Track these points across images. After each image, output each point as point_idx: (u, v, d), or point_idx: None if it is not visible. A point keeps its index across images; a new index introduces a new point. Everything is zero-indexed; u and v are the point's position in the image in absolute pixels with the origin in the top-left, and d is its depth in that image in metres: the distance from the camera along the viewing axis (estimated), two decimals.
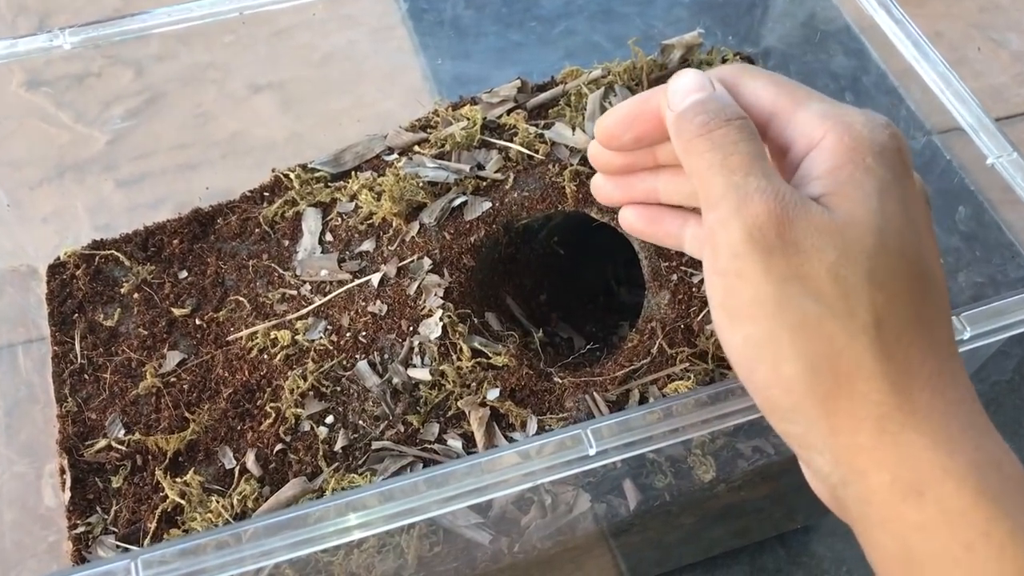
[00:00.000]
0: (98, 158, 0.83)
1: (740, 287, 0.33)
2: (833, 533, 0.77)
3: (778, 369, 0.33)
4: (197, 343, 0.63)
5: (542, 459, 0.43)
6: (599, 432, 0.43)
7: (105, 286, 0.67)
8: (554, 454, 0.43)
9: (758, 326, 0.33)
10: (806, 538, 0.77)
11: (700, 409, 0.45)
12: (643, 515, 0.57)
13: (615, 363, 0.59)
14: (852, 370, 0.32)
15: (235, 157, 0.83)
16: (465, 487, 0.42)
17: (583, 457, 0.43)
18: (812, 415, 0.33)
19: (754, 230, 0.32)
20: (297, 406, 0.59)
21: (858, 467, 0.33)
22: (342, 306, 0.62)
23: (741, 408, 0.45)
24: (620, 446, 0.43)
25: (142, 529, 0.56)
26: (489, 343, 0.60)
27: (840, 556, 0.77)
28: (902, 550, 0.32)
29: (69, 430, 0.60)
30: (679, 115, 0.36)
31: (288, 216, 0.67)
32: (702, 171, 0.34)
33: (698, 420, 0.44)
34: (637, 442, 0.44)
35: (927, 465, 0.32)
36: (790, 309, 0.32)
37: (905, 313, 0.33)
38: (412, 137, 0.69)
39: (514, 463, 0.43)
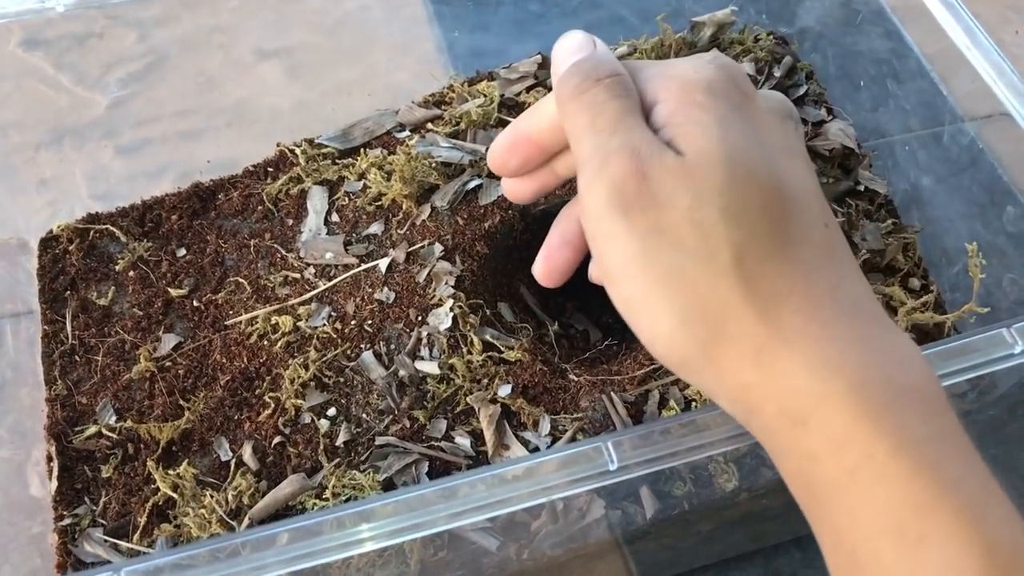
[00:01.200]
0: (98, 123, 0.80)
1: (610, 249, 0.33)
2: None
3: (656, 326, 0.33)
4: (194, 326, 0.60)
5: (558, 473, 0.40)
6: (620, 445, 0.40)
7: (99, 262, 0.63)
8: (571, 468, 0.40)
9: (632, 285, 0.33)
10: None
11: (730, 422, 0.41)
12: (660, 523, 0.54)
13: (634, 361, 0.56)
14: (721, 312, 0.32)
15: (240, 126, 0.80)
16: (475, 502, 0.39)
17: (603, 472, 0.40)
18: (698, 365, 0.33)
19: (613, 189, 0.32)
20: (298, 397, 0.56)
21: (751, 404, 0.33)
22: (347, 292, 0.59)
23: None
24: (643, 461, 0.40)
25: (132, 523, 0.53)
26: (501, 336, 0.57)
27: None
28: (803, 478, 0.32)
29: (58, 415, 0.57)
30: (559, 80, 0.36)
31: (293, 193, 0.64)
32: (575, 134, 0.34)
33: (726, 436, 0.41)
34: (661, 457, 0.41)
35: (805, 392, 0.31)
36: (655, 264, 0.32)
37: (767, 243, 0.32)
38: (425, 113, 0.66)
39: (528, 476, 0.40)
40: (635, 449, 0.40)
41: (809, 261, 0.33)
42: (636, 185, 0.32)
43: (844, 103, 0.66)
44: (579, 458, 0.40)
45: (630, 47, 0.66)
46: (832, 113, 0.67)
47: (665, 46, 0.65)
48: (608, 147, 0.33)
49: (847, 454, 0.30)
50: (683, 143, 0.33)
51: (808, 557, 0.74)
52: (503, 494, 0.39)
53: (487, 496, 0.39)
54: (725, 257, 0.32)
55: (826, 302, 0.32)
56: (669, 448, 0.40)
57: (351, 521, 0.39)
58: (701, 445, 0.41)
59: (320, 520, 0.39)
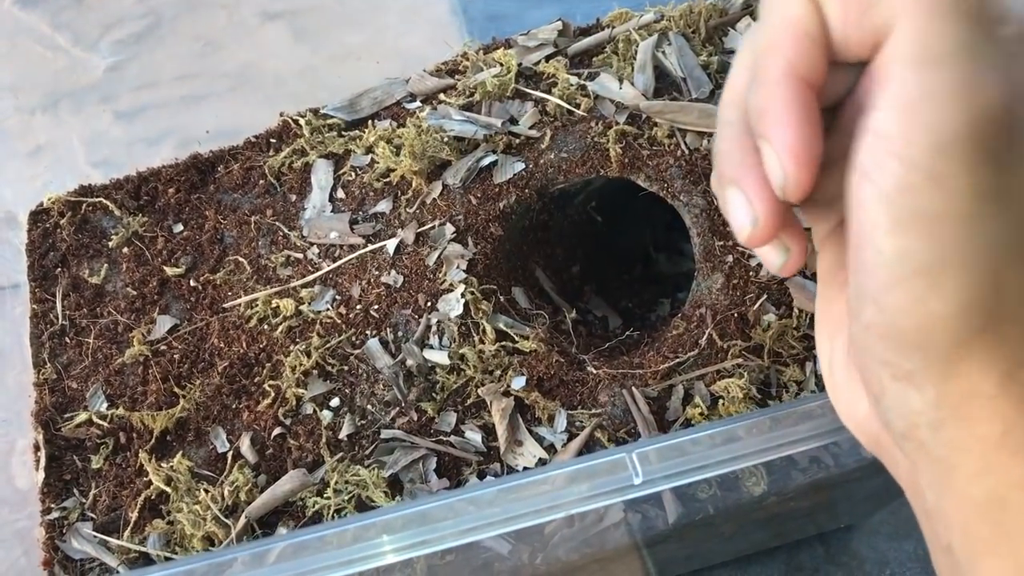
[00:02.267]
0: (96, 87, 0.77)
1: (927, 192, 0.24)
2: (877, 532, 0.71)
3: (926, 299, 0.25)
4: (191, 308, 0.57)
5: (577, 486, 0.36)
6: (646, 458, 0.37)
7: (92, 238, 0.60)
8: (592, 480, 0.36)
9: (926, 244, 0.25)
10: (847, 536, 0.71)
11: (765, 433, 0.38)
12: (682, 527, 0.51)
13: (657, 353, 0.52)
14: (1009, 313, 0.26)
15: (243, 91, 0.76)
16: (488, 518, 0.36)
17: (626, 487, 0.37)
18: (937, 354, 0.27)
19: (981, 124, 0.23)
20: (299, 385, 0.53)
21: (966, 413, 0.27)
22: (353, 274, 0.55)
23: (811, 434, 0.38)
24: (669, 475, 0.37)
25: (123, 517, 0.50)
26: (516, 324, 0.53)
27: (883, 557, 0.71)
28: (995, 503, 0.27)
29: (46, 400, 0.54)
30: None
31: (296, 167, 0.60)
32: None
33: (759, 448, 0.38)
34: (689, 471, 0.37)
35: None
36: (977, 235, 0.25)
37: None
38: (437, 83, 0.62)
39: (545, 489, 0.36)
40: (661, 461, 0.37)
41: None
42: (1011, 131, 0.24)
43: None
44: (601, 470, 0.37)
45: (657, 14, 0.62)
46: None
47: (694, 13, 0.61)
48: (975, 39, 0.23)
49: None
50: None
51: (831, 552, 0.71)
52: (519, 509, 0.36)
53: (501, 512, 0.36)
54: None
55: None
56: (698, 461, 0.37)
57: (355, 535, 0.36)
58: (733, 458, 0.38)
59: (326, 534, 0.36)
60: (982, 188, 0.24)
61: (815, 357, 0.52)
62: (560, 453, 0.50)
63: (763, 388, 0.51)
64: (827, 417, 0.39)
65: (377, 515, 0.36)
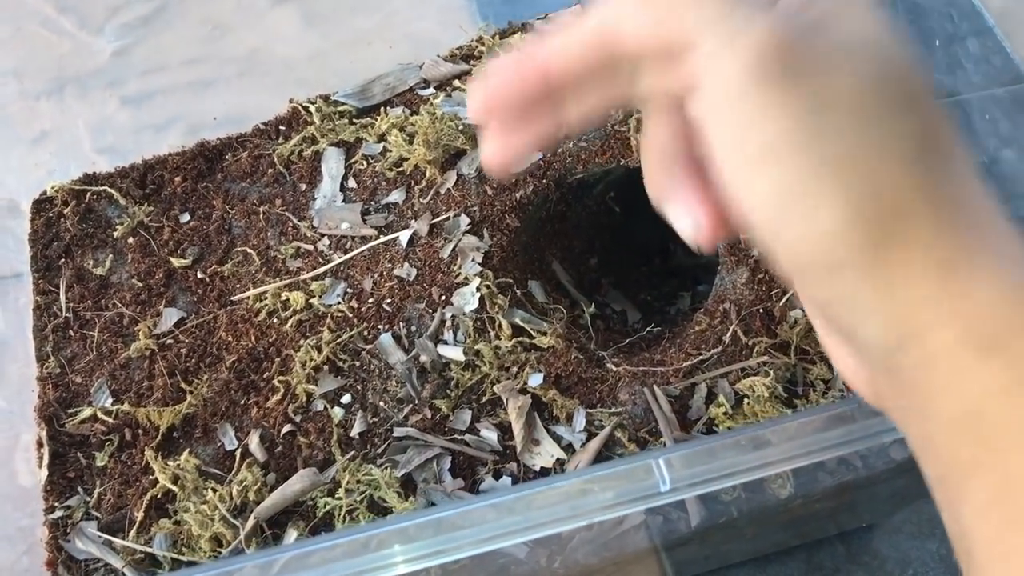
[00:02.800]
0: (102, 71, 0.76)
1: (756, 126, 0.26)
2: (899, 531, 0.70)
3: (815, 218, 0.26)
4: (198, 300, 0.55)
5: (602, 494, 0.35)
6: (672, 464, 0.35)
7: (96, 227, 0.58)
8: (617, 487, 0.35)
9: (785, 168, 0.26)
10: (868, 535, 0.70)
11: (795, 436, 0.36)
12: (704, 530, 0.49)
13: (679, 350, 0.50)
14: (901, 211, 0.26)
15: (252, 76, 0.75)
16: (508, 527, 0.34)
17: (653, 494, 0.35)
18: (861, 270, 0.27)
19: (759, 58, 0.26)
20: (309, 381, 0.51)
21: (920, 324, 0.27)
22: (364, 267, 0.54)
23: (843, 440, 0.37)
24: (697, 482, 0.35)
25: (128, 517, 0.49)
26: (532, 319, 0.52)
27: (906, 556, 0.69)
28: (971, 416, 0.26)
29: (50, 395, 0.53)
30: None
31: (306, 155, 0.59)
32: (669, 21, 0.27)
33: (790, 454, 0.36)
34: (717, 477, 0.35)
35: (1002, 318, 0.26)
36: (821, 143, 0.26)
37: (945, 137, 0.27)
38: (452, 69, 0.60)
39: (567, 497, 0.35)
40: (689, 467, 0.35)
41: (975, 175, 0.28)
42: (790, 51, 0.26)
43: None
44: (626, 476, 0.35)
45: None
46: None
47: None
48: (736, 18, 0.26)
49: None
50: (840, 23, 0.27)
51: (852, 552, 0.69)
52: (540, 518, 0.34)
53: (522, 521, 0.34)
54: (911, 146, 0.26)
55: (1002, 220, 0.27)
56: (727, 468, 0.35)
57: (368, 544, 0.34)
58: (763, 464, 0.36)
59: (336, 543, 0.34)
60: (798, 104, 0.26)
61: None
62: (579, 453, 0.48)
63: (789, 387, 0.49)
64: (859, 422, 0.37)
65: (392, 522, 0.34)
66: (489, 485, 0.48)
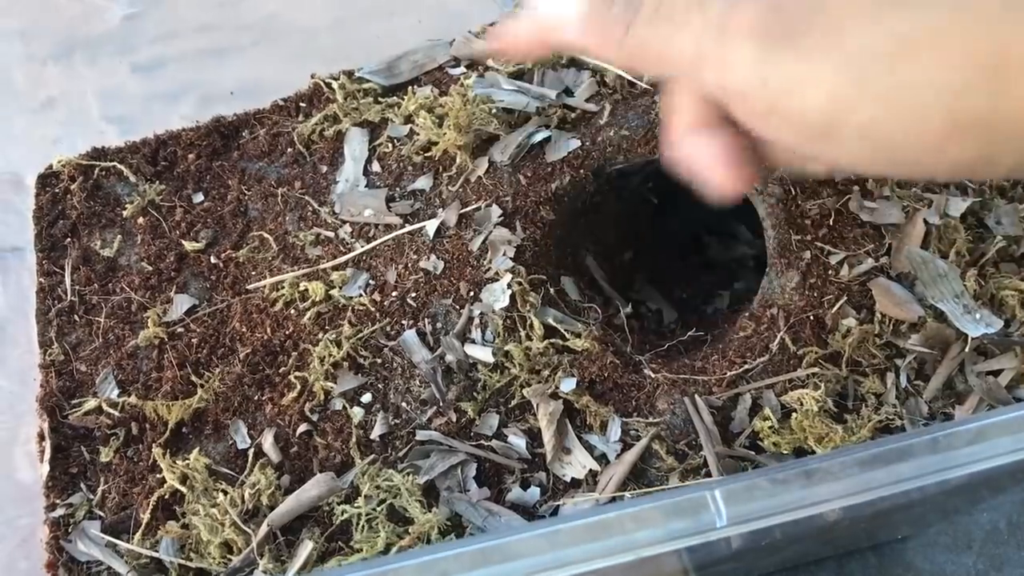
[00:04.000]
0: (113, 36, 0.73)
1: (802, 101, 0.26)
2: (935, 543, 0.67)
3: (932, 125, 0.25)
4: (211, 287, 0.52)
5: (651, 530, 0.32)
6: (731, 497, 0.32)
7: (104, 205, 0.55)
8: (669, 522, 0.32)
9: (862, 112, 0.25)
10: (902, 547, 0.67)
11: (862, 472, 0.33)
12: (743, 552, 0.46)
13: (723, 357, 0.47)
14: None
15: (269, 45, 0.71)
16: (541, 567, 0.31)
17: (708, 529, 0.32)
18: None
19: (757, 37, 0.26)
20: (328, 378, 0.48)
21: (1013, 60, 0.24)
22: (388, 257, 0.51)
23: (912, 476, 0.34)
24: (756, 518, 0.32)
25: (133, 518, 0.46)
26: (566, 319, 0.49)
27: (940, 570, 0.66)
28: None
29: (53, 384, 0.50)
30: (589, 22, 0.29)
31: (328, 135, 0.55)
32: (661, 52, 0.28)
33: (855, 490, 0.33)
34: (777, 513, 0.33)
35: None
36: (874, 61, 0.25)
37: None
38: (484, 47, 0.56)
39: (608, 531, 0.32)
40: (748, 503, 0.32)
41: None
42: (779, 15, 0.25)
43: None
44: (679, 510, 0.32)
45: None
46: None
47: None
48: (713, 17, 0.26)
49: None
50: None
51: (885, 564, 0.67)
52: (583, 555, 0.31)
53: (563, 558, 0.31)
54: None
55: None
56: (786, 505, 0.32)
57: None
58: (824, 501, 0.33)
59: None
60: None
61: (897, 368, 0.47)
62: (613, 465, 0.45)
63: (839, 401, 0.46)
64: (929, 457, 0.34)
65: (427, 553, 0.31)
66: (516, 495, 0.45)
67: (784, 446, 0.44)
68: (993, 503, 0.67)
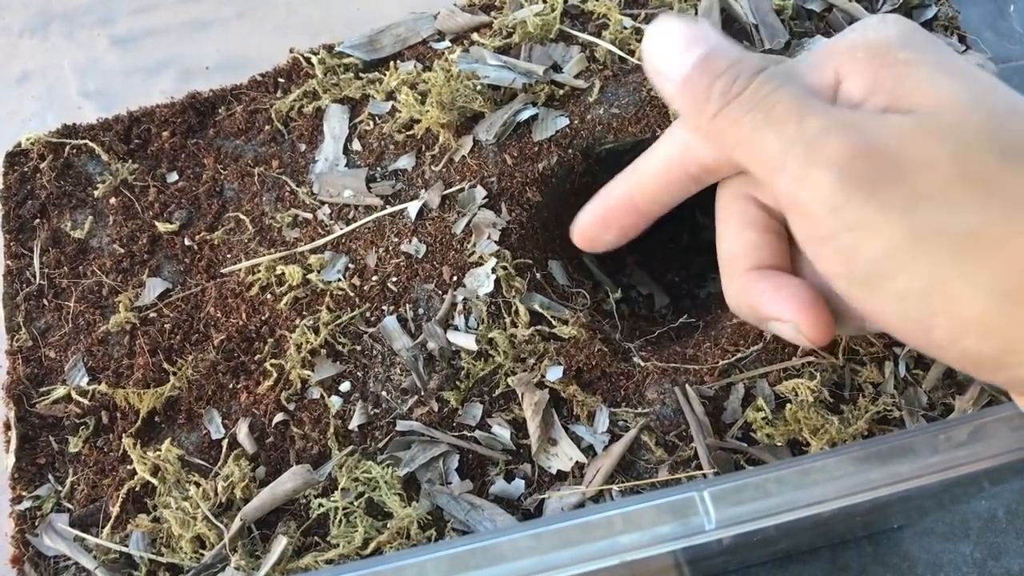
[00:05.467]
0: (91, 7, 0.71)
1: (862, 242, 0.27)
2: (931, 532, 0.66)
3: (962, 312, 0.26)
4: (185, 270, 0.50)
5: (636, 533, 0.30)
6: (721, 499, 0.30)
7: (75, 185, 0.53)
8: (655, 525, 0.30)
9: (911, 274, 0.27)
10: (898, 535, 0.66)
11: (862, 472, 0.32)
12: (736, 546, 0.45)
13: (715, 345, 0.46)
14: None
15: (251, 19, 0.69)
16: (524, 571, 0.29)
17: (696, 532, 0.30)
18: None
19: (843, 172, 0.27)
20: (305, 366, 0.46)
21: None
22: (369, 240, 0.49)
23: (914, 475, 0.32)
24: (747, 520, 0.31)
25: (103, 510, 0.45)
26: (553, 305, 0.47)
27: (937, 559, 0.65)
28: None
29: (20, 371, 0.48)
30: (687, 85, 0.30)
31: (307, 112, 0.53)
32: (745, 139, 0.29)
33: (851, 491, 0.32)
34: (768, 515, 0.31)
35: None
36: (936, 236, 0.26)
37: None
38: (470, 20, 0.54)
39: (592, 534, 0.30)
40: (737, 506, 0.31)
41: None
42: (871, 159, 0.26)
43: (983, 30, 0.54)
44: (667, 511, 0.30)
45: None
46: (966, 43, 0.54)
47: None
48: (809, 133, 0.27)
49: None
50: (908, 102, 0.28)
51: (880, 553, 0.65)
52: (565, 560, 0.29)
53: (547, 562, 0.29)
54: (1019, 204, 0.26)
55: None
56: (777, 507, 0.31)
57: None
58: (818, 502, 0.31)
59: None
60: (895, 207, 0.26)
61: (896, 356, 0.45)
62: (600, 456, 0.44)
63: (835, 391, 0.44)
64: (929, 456, 0.33)
65: (406, 557, 0.30)
66: (500, 488, 0.44)
67: (778, 438, 0.43)
68: (991, 491, 0.66)
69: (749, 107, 0.29)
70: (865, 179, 0.26)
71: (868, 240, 0.27)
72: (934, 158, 0.26)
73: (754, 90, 0.29)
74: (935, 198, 0.26)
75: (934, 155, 0.26)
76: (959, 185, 0.26)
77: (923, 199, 0.26)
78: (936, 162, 0.26)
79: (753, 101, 0.29)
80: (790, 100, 0.28)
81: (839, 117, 0.28)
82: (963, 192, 0.26)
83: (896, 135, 0.27)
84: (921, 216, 0.26)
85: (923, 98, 0.28)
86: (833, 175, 0.27)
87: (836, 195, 0.27)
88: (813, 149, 0.27)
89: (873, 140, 0.27)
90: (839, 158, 0.27)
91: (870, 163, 0.26)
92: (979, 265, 0.26)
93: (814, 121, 0.27)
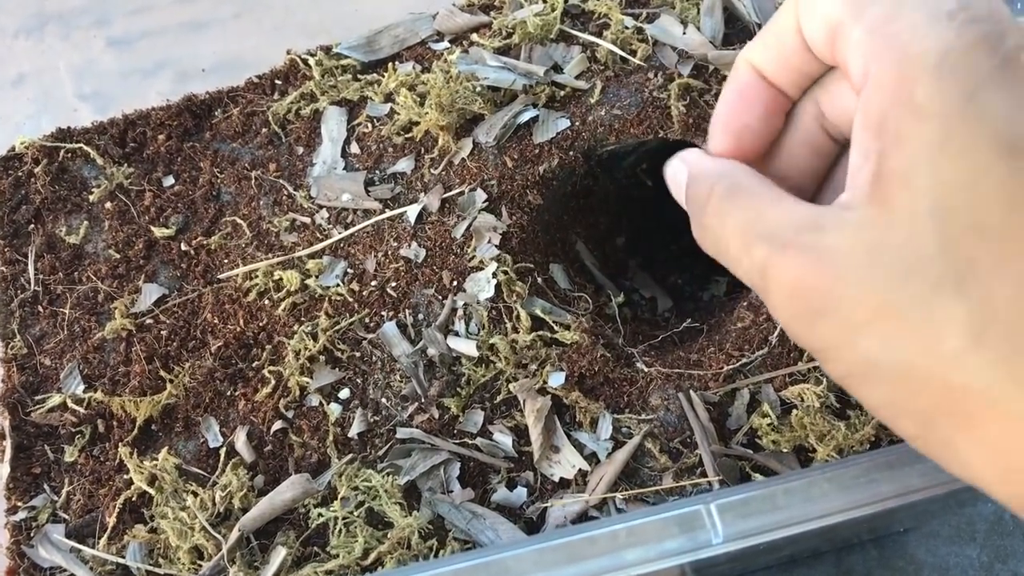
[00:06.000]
0: (87, 8, 0.70)
1: (825, 365, 0.28)
2: (937, 535, 0.65)
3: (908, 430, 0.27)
4: (181, 276, 0.49)
5: (642, 547, 0.29)
6: (727, 512, 0.30)
7: (70, 190, 0.53)
8: (661, 539, 0.30)
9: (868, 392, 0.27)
10: (904, 539, 0.65)
11: (865, 486, 0.31)
12: (740, 554, 0.44)
13: (719, 350, 0.45)
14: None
15: (248, 20, 0.69)
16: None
17: (703, 546, 0.30)
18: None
19: (787, 307, 0.28)
20: (304, 373, 0.46)
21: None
22: (368, 244, 0.48)
23: (924, 486, 0.32)
24: (753, 534, 0.30)
25: (99, 521, 0.44)
26: (555, 309, 0.46)
27: (943, 563, 0.64)
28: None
29: (15, 379, 0.47)
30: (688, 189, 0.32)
31: (304, 115, 0.52)
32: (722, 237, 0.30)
33: (858, 503, 0.31)
34: (775, 528, 0.30)
35: None
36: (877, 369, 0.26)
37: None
38: (469, 20, 0.53)
39: (599, 548, 0.29)
40: (745, 520, 0.30)
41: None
42: (807, 296, 0.26)
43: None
44: (673, 525, 0.30)
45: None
46: None
47: None
48: (757, 262, 0.28)
49: None
50: (883, 188, 0.25)
51: (885, 556, 0.65)
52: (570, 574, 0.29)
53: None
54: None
55: None
56: (784, 521, 0.30)
57: None
58: (825, 515, 0.31)
59: None
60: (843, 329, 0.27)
61: None
62: (603, 464, 0.43)
63: (842, 396, 0.44)
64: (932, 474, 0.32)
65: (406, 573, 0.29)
66: (502, 496, 0.43)
67: (784, 444, 0.42)
68: None
69: (719, 206, 0.30)
70: (804, 315, 0.27)
71: (827, 366, 0.28)
72: (865, 288, 0.26)
73: (721, 189, 0.30)
74: (863, 331, 0.26)
75: (865, 284, 0.26)
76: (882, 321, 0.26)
77: (857, 331, 0.26)
78: (865, 295, 0.26)
79: (726, 196, 0.30)
80: (735, 227, 0.29)
81: (781, 239, 0.27)
82: (889, 326, 0.26)
83: (834, 255, 0.26)
84: (860, 351, 0.26)
85: (894, 189, 0.25)
86: (783, 310, 0.28)
87: (788, 326, 0.28)
88: (763, 280, 0.28)
89: (810, 270, 0.26)
90: (780, 295, 0.27)
91: (806, 300, 0.27)
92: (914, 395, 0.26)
93: (759, 251, 0.28)
